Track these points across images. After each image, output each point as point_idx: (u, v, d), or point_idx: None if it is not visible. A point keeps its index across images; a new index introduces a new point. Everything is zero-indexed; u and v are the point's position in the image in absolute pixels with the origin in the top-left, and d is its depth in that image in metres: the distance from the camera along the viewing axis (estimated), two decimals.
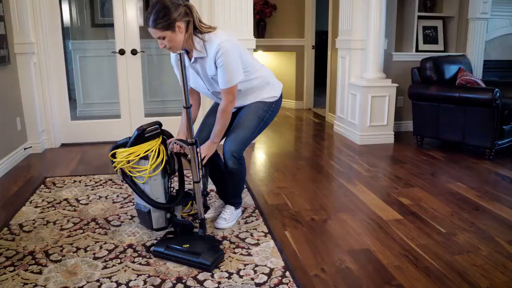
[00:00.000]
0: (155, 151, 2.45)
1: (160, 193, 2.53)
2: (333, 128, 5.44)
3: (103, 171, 3.80)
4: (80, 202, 3.08)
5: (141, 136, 2.42)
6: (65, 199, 3.13)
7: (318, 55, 6.97)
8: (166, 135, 2.56)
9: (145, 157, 2.44)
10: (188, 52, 2.45)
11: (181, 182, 2.66)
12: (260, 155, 4.38)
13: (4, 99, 3.90)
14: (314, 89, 6.99)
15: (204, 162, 2.46)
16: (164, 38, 2.28)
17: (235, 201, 2.76)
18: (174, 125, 3.16)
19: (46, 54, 4.42)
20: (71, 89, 4.90)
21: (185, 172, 2.73)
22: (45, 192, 3.29)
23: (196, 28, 2.34)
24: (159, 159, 2.46)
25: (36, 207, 3.00)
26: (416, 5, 5.12)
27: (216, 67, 2.36)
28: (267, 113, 2.62)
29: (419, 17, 5.25)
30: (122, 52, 4.60)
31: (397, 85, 4.71)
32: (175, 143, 2.43)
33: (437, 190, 3.32)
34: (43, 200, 3.12)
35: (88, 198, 3.16)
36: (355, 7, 4.79)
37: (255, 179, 3.60)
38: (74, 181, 3.53)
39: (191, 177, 2.39)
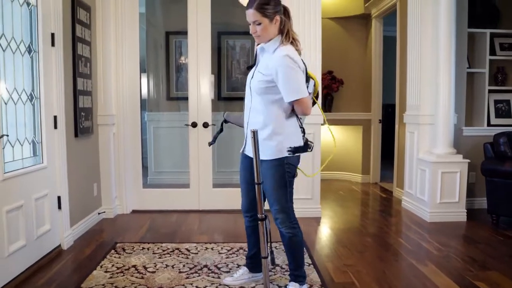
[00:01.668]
0: None
1: None
2: (401, 203, 5.28)
3: (171, 239, 3.89)
4: (148, 269, 3.15)
5: None
6: (134, 266, 3.22)
7: (384, 129, 6.94)
8: None
9: None
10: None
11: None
12: (326, 230, 4.31)
13: (85, 166, 4.18)
14: (381, 163, 6.89)
15: None
16: (259, 24, 2.38)
17: (299, 274, 2.69)
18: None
19: (124, 125, 4.74)
20: (143, 157, 5.18)
21: None
22: (115, 257, 3.40)
23: (285, 33, 2.43)
24: None
25: (106, 271, 3.10)
26: (487, 79, 5.04)
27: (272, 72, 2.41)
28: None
29: (490, 91, 5.14)
30: (194, 124, 4.83)
31: (468, 160, 4.56)
32: None
33: None
34: (112, 265, 3.22)
35: (155, 266, 3.22)
36: (423, 81, 4.80)
37: (321, 255, 3.53)
38: (143, 248, 3.63)
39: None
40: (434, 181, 4.53)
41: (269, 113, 2.49)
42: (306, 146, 2.57)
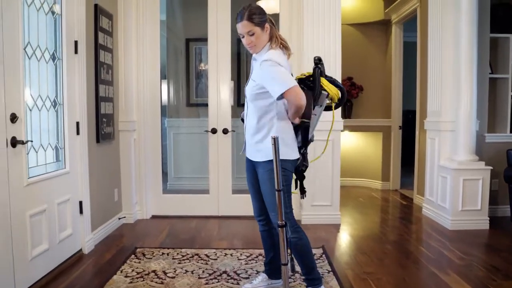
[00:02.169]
0: None
1: None
2: (421, 211, 5.21)
3: (190, 245, 3.90)
4: (167, 275, 3.17)
5: None
6: (153, 271, 3.24)
7: (404, 135, 6.88)
8: None
9: None
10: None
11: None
12: (345, 237, 4.28)
13: (106, 171, 4.24)
14: (401, 170, 6.82)
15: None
16: (253, 34, 2.47)
17: (313, 277, 2.67)
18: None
19: (145, 131, 4.80)
20: (163, 163, 5.23)
21: None
22: (135, 262, 3.43)
23: (273, 39, 2.55)
24: None
25: (126, 276, 3.13)
26: (510, 84, 4.97)
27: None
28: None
29: None
30: (214, 131, 4.86)
31: (491, 167, 4.49)
32: None
33: None
34: (132, 270, 3.25)
35: (175, 271, 3.24)
36: (444, 87, 4.74)
37: (340, 262, 3.50)
38: (163, 253, 3.65)
39: None
40: (455, 189, 4.46)
41: (261, 118, 2.56)
42: (298, 161, 2.61)
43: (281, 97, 2.39)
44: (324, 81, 2.54)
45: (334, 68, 4.49)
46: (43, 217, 3.09)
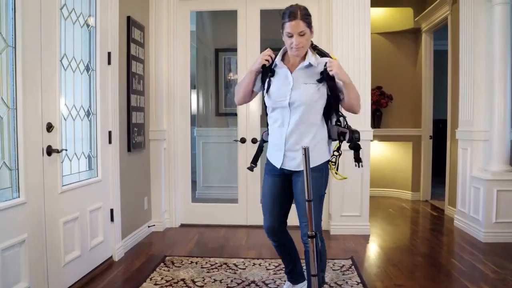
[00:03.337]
0: None
1: None
2: (453, 222, 5.10)
3: (219, 254, 3.92)
4: (196, 284, 3.18)
5: None
6: (182, 279, 3.26)
7: (435, 145, 6.76)
8: None
9: None
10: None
11: None
12: (374, 248, 4.22)
13: (137, 180, 4.31)
14: (432, 180, 6.70)
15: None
16: (304, 34, 2.41)
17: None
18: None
19: (175, 140, 4.87)
20: (192, 172, 5.29)
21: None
22: (164, 270, 3.46)
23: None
24: None
25: (155, 284, 3.16)
26: None
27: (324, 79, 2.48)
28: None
29: None
30: (243, 140, 4.88)
31: None
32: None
33: None
34: (162, 278, 3.28)
35: (203, 280, 3.26)
36: (476, 96, 4.65)
37: (370, 274, 3.45)
38: (191, 262, 3.68)
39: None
40: (489, 200, 4.35)
41: (314, 123, 2.57)
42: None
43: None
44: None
45: (363, 77, 4.47)
46: (76, 224, 3.16)
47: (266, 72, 2.62)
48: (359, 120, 4.45)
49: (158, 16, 4.66)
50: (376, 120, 6.65)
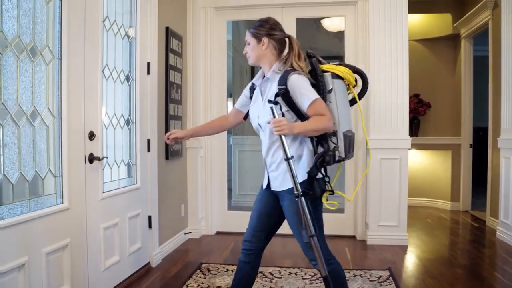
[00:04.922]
0: None
1: None
2: (495, 234, 4.94)
3: None
4: None
5: None
6: (218, 287, 3.28)
7: (475, 153, 6.57)
8: None
9: None
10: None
11: None
12: (413, 259, 4.14)
13: (174, 187, 4.38)
14: (472, 190, 6.51)
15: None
16: (249, 44, 2.44)
17: None
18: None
19: (211, 149, 4.92)
20: (228, 180, 5.33)
21: None
22: (200, 277, 3.49)
23: (288, 62, 2.34)
24: None
25: None
26: None
27: (283, 92, 2.25)
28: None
29: None
30: None
31: None
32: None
33: None
34: (198, 286, 3.31)
35: None
36: None
37: (408, 286, 3.38)
38: (227, 269, 3.70)
39: None
40: None
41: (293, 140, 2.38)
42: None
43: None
44: (326, 66, 2.35)
45: (401, 85, 4.42)
46: (116, 230, 3.23)
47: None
48: (397, 128, 4.40)
49: (195, 27, 4.74)
50: (414, 128, 6.53)
